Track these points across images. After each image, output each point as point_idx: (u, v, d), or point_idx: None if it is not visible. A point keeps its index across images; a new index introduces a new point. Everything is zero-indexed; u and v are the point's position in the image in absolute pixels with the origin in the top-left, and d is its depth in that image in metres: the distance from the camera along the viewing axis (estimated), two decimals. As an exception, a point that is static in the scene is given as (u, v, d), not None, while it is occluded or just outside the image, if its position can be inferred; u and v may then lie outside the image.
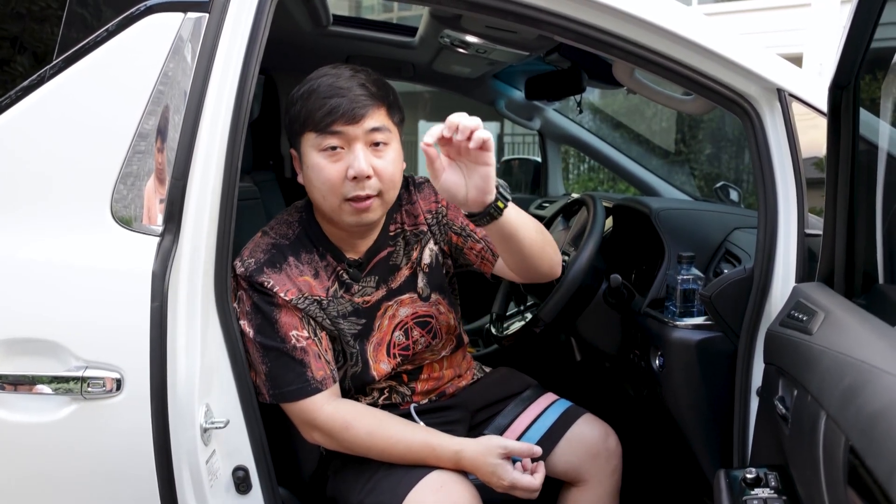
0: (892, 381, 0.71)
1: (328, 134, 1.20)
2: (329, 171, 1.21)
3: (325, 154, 1.22)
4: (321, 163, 1.22)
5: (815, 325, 1.03)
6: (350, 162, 1.21)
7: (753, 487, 1.08)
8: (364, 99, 1.21)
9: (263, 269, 1.26)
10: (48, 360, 1.10)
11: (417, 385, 1.45)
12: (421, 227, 1.41)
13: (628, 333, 1.75)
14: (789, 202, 1.35)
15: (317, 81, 1.23)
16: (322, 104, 1.20)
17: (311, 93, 1.21)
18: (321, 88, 1.21)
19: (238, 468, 1.23)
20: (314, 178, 1.24)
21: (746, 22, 10.25)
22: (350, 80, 1.22)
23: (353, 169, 1.20)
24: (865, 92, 1.13)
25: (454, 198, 1.16)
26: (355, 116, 1.20)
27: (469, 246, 1.44)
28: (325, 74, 1.24)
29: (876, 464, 0.66)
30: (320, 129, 1.20)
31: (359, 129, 1.21)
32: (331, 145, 1.21)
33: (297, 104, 1.23)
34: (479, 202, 1.15)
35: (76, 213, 1.14)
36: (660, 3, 1.30)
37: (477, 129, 1.08)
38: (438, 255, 1.44)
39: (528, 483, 1.23)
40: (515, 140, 9.56)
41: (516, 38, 1.93)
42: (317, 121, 1.20)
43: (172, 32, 1.14)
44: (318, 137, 1.21)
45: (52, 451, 1.13)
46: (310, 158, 1.23)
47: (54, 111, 1.14)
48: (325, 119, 1.19)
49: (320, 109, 1.19)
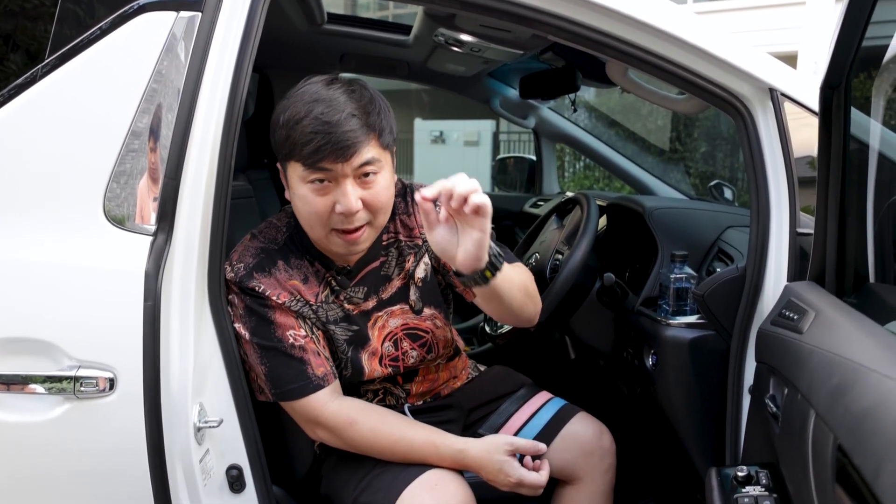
0: (880, 380, 0.72)
1: (316, 170, 1.15)
2: (316, 204, 1.17)
3: (312, 186, 1.17)
4: (307, 195, 1.17)
5: (805, 324, 1.03)
6: (337, 197, 1.16)
7: (745, 485, 1.08)
8: (353, 135, 1.14)
9: (253, 274, 1.25)
10: (41, 360, 1.10)
11: (412, 387, 1.45)
12: (416, 239, 1.38)
13: (622, 332, 1.75)
14: (781, 201, 1.36)
15: (304, 107, 1.14)
16: (309, 139, 1.12)
17: (298, 122, 1.14)
18: (308, 120, 1.13)
19: (232, 467, 1.23)
20: (301, 207, 1.20)
21: (741, 20, 10.27)
22: (340, 111, 1.14)
23: (340, 205, 1.16)
24: (859, 91, 1.14)
25: (444, 254, 1.13)
26: (345, 155, 1.14)
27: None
28: (314, 99, 1.15)
29: (863, 462, 0.67)
30: (307, 165, 1.15)
31: (348, 166, 1.15)
32: (318, 178, 1.16)
33: (282, 129, 1.16)
34: (467, 266, 1.12)
35: (69, 213, 1.14)
36: (653, 3, 1.30)
37: (472, 193, 1.05)
38: (432, 269, 1.41)
39: (535, 479, 1.24)
40: (511, 138, 9.57)
41: (510, 37, 1.93)
42: (304, 156, 1.14)
43: (165, 31, 1.14)
44: (304, 170, 1.16)
45: (46, 451, 1.13)
46: (296, 187, 1.19)
47: (47, 110, 1.14)
48: (313, 156, 1.13)
49: (307, 145, 1.13)
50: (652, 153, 5.11)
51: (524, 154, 3.54)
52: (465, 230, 1.10)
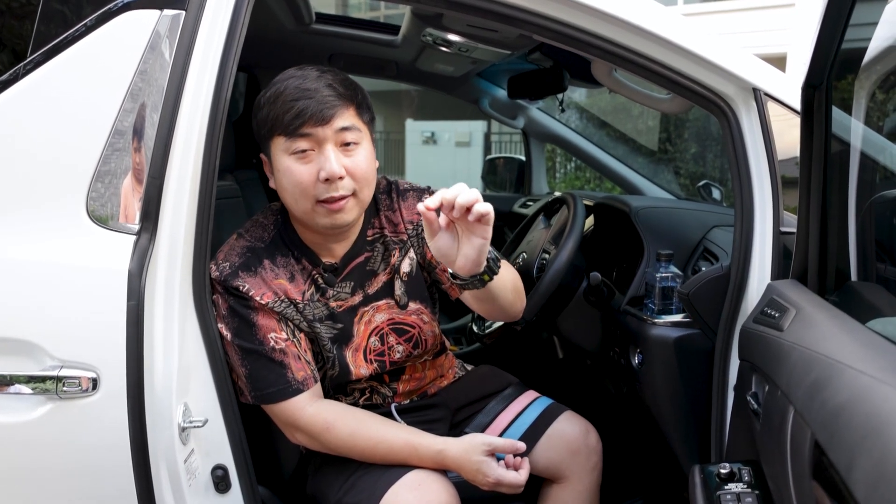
0: (855, 376, 0.73)
1: (297, 137, 1.19)
2: (300, 174, 1.20)
3: (296, 157, 1.20)
4: (291, 166, 1.20)
5: (786, 321, 1.04)
6: (321, 164, 1.19)
7: (727, 482, 1.09)
8: (332, 99, 1.19)
9: (238, 273, 1.25)
10: (23, 360, 1.10)
11: (399, 386, 1.45)
12: (401, 235, 1.39)
13: (608, 331, 1.76)
14: (765, 200, 1.37)
15: (283, 84, 1.21)
16: (289, 107, 1.18)
17: (278, 96, 1.19)
18: (287, 91, 1.19)
19: (217, 467, 1.23)
20: (285, 182, 1.22)
21: (731, 22, 10.33)
22: (317, 81, 1.20)
23: (324, 171, 1.19)
24: (846, 92, 1.15)
25: (444, 259, 1.16)
26: (324, 117, 1.18)
27: (442, 268, 1.42)
28: (291, 77, 1.21)
29: (837, 456, 0.68)
30: (289, 133, 1.19)
31: (328, 129, 1.19)
32: (301, 148, 1.19)
33: (263, 108, 1.21)
34: (466, 270, 1.16)
35: (51, 212, 1.13)
36: (638, 3, 1.31)
37: (476, 202, 1.07)
38: (417, 265, 1.42)
39: (514, 479, 1.24)
40: (503, 139, 9.58)
41: (497, 37, 1.94)
42: (285, 124, 1.18)
43: (149, 29, 1.13)
44: (287, 141, 1.19)
45: (29, 452, 1.12)
46: (280, 162, 1.22)
47: (29, 108, 1.13)
48: (294, 122, 1.17)
49: (288, 112, 1.17)
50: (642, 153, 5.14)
51: (515, 155, 3.55)
52: (466, 237, 1.12)
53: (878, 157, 1.23)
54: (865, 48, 1.11)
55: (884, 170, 1.24)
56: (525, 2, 1.28)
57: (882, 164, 1.24)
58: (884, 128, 1.28)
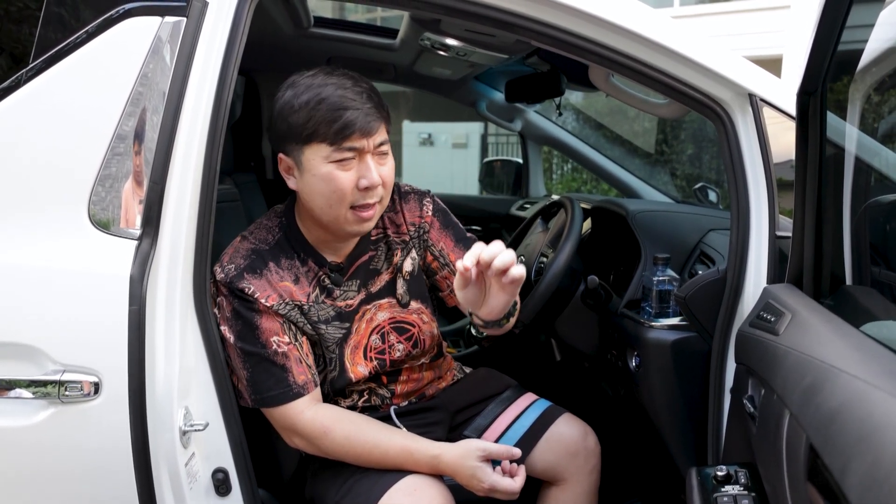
0: (849, 380, 0.74)
1: (343, 148, 1.20)
2: (341, 181, 1.21)
3: (336, 164, 1.21)
4: (333, 173, 1.21)
5: (782, 325, 1.05)
6: (362, 172, 1.22)
7: (724, 484, 1.10)
8: (374, 112, 1.22)
9: (244, 275, 1.26)
10: (25, 364, 1.10)
11: (397, 387, 1.46)
12: (403, 236, 1.42)
13: (606, 334, 1.77)
14: (761, 205, 1.38)
15: (322, 89, 1.20)
16: (336, 116, 1.18)
17: (320, 102, 1.19)
18: (331, 98, 1.19)
19: (218, 470, 1.23)
20: (322, 188, 1.22)
21: (726, 24, 10.36)
22: (356, 90, 1.22)
23: (366, 179, 1.22)
24: (841, 94, 1.16)
25: (469, 306, 1.24)
26: (370, 130, 1.21)
27: (443, 276, 1.48)
28: (329, 83, 1.21)
29: (831, 460, 0.69)
30: (334, 142, 1.19)
31: (371, 141, 1.22)
32: (345, 157, 1.21)
33: (299, 112, 1.20)
34: (488, 317, 1.25)
35: (53, 217, 1.14)
36: (634, 9, 1.32)
37: (511, 265, 1.11)
38: (419, 264, 1.45)
39: (508, 486, 1.24)
40: (500, 141, 9.58)
41: (495, 42, 1.95)
42: (330, 134, 1.19)
43: (151, 35, 1.14)
44: (330, 149, 1.20)
45: (31, 455, 1.13)
46: (317, 168, 1.22)
47: (32, 113, 1.14)
48: (343, 132, 1.19)
49: (336, 122, 1.18)
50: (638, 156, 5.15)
51: (512, 157, 3.56)
52: (495, 293, 1.19)
53: (872, 162, 1.24)
54: (861, 51, 1.12)
55: (878, 174, 1.25)
56: (523, 8, 1.29)
57: (877, 169, 1.25)
58: (878, 132, 1.29)
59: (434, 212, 1.44)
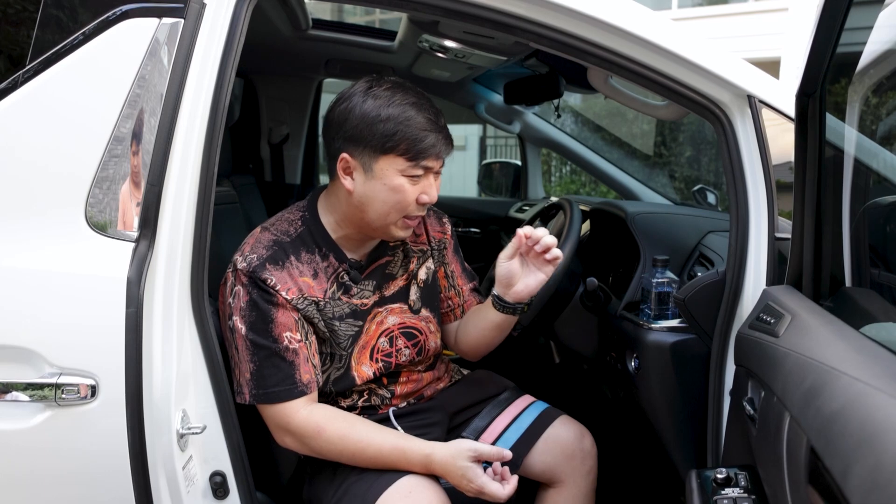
0: (849, 383, 0.73)
1: (419, 166, 1.28)
2: (408, 194, 1.29)
3: (409, 179, 1.29)
4: (404, 185, 1.29)
5: (781, 327, 1.05)
6: (425, 188, 1.31)
7: (724, 487, 1.10)
8: (449, 139, 1.33)
9: (266, 266, 1.27)
10: (22, 367, 1.10)
11: (397, 388, 1.45)
12: (422, 245, 1.48)
13: (605, 336, 1.77)
14: (760, 206, 1.38)
15: (409, 109, 1.27)
16: (423, 136, 1.26)
17: (408, 119, 1.26)
18: (419, 119, 1.27)
19: (215, 473, 1.23)
20: (388, 196, 1.28)
21: (725, 26, 10.38)
22: (436, 114, 1.31)
23: (428, 196, 1.32)
24: (839, 96, 1.16)
25: (505, 280, 1.36)
26: (446, 154, 1.32)
27: (448, 296, 1.55)
28: (413, 103, 1.28)
29: (833, 463, 0.68)
30: (414, 159, 1.27)
31: (439, 164, 1.33)
32: (418, 174, 1.29)
33: (386, 123, 1.25)
34: (517, 298, 1.37)
35: (50, 219, 1.13)
36: (633, 11, 1.32)
37: (554, 245, 1.32)
38: (434, 273, 1.50)
39: (496, 490, 1.23)
40: (498, 143, 9.58)
41: (494, 44, 1.95)
42: (414, 151, 1.26)
43: (148, 36, 1.14)
44: (407, 164, 1.27)
45: (27, 458, 1.12)
46: (390, 178, 1.28)
47: (29, 115, 1.14)
48: (427, 151, 1.27)
49: (422, 141, 1.26)
50: (637, 158, 5.16)
51: (510, 159, 3.56)
52: (533, 270, 1.36)
53: (871, 164, 1.24)
54: (860, 53, 1.12)
55: (877, 176, 1.25)
56: (521, 9, 1.29)
57: (876, 171, 1.25)
58: (877, 133, 1.29)
59: (452, 233, 1.55)
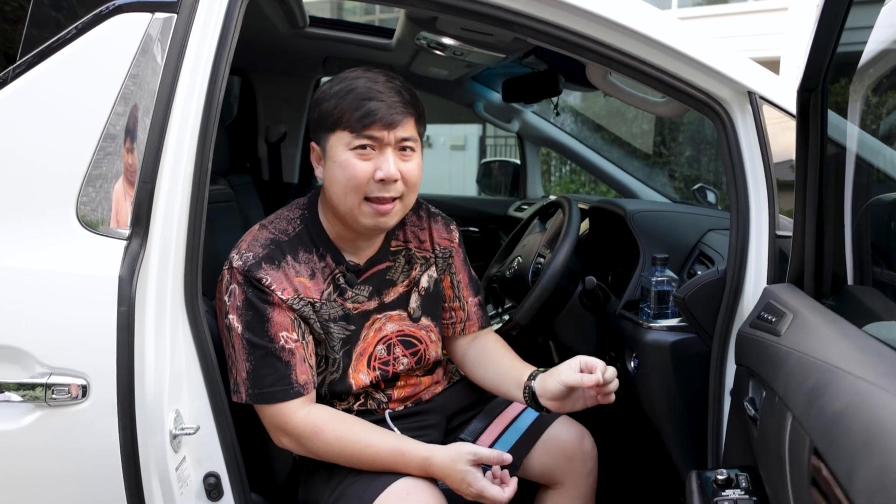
0: (854, 382, 0.72)
1: (363, 135, 1.22)
2: (357, 169, 1.23)
3: (355, 153, 1.23)
4: (350, 160, 1.23)
5: (783, 326, 1.04)
6: (379, 164, 1.23)
7: (725, 488, 1.09)
8: (399, 106, 1.24)
9: (262, 265, 1.25)
10: (12, 367, 1.08)
11: (394, 392, 1.44)
12: (426, 252, 1.44)
13: (604, 335, 1.75)
14: (760, 204, 1.36)
15: (353, 81, 1.24)
16: (359, 105, 1.22)
17: (349, 92, 1.23)
18: (359, 89, 1.23)
19: (209, 475, 1.21)
20: (339, 175, 1.24)
21: (725, 26, 10.37)
22: (387, 85, 1.25)
23: (381, 171, 1.23)
24: (840, 95, 1.15)
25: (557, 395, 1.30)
26: (392, 123, 1.23)
27: (452, 306, 1.50)
28: (361, 77, 1.25)
29: (836, 464, 0.67)
30: (355, 130, 1.22)
31: (392, 135, 1.23)
32: (362, 145, 1.23)
33: (330, 100, 1.24)
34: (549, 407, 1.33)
35: (41, 217, 1.12)
36: (632, 7, 1.30)
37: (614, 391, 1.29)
38: (436, 281, 1.46)
39: (496, 494, 1.21)
40: (498, 142, 9.58)
41: (492, 41, 1.93)
42: (353, 121, 1.22)
43: (141, 32, 1.12)
44: (351, 136, 1.23)
45: (18, 459, 1.11)
46: (337, 154, 1.24)
47: (19, 111, 1.12)
48: (363, 120, 1.21)
49: (358, 110, 1.21)
50: (637, 157, 5.15)
51: (509, 158, 3.55)
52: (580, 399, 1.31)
53: (873, 161, 1.23)
54: (861, 51, 1.11)
55: (879, 173, 1.24)
56: (519, 5, 1.27)
57: (878, 168, 1.24)
58: (879, 131, 1.28)
59: (460, 242, 1.50)
